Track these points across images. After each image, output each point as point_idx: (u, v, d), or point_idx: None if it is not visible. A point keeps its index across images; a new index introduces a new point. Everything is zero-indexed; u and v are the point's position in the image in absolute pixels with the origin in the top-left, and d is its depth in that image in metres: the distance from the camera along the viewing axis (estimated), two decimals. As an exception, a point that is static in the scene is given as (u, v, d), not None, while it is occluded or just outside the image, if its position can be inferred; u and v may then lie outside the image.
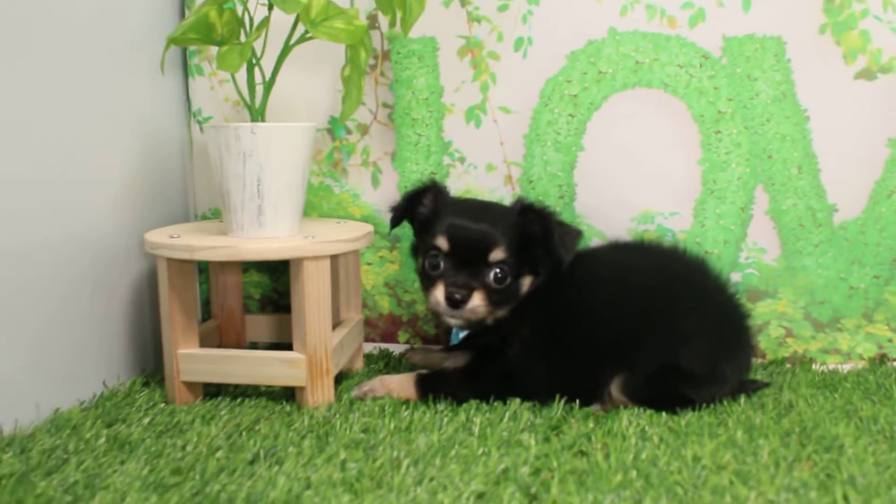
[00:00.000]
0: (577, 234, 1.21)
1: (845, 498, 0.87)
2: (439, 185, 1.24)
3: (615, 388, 1.17)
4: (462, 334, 1.23)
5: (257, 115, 1.26)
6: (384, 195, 1.45)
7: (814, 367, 1.34)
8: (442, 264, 1.16)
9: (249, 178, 1.21)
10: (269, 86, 1.26)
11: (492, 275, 1.15)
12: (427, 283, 1.18)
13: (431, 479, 0.93)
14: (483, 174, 1.41)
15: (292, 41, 1.24)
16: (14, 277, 1.09)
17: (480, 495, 0.89)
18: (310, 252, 1.19)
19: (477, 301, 1.14)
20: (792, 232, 1.34)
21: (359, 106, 1.29)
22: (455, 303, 1.13)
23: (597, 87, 1.35)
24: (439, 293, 1.14)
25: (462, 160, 1.42)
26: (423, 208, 1.23)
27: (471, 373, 1.23)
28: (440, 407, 1.19)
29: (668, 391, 1.16)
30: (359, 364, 1.42)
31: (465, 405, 1.19)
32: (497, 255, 1.15)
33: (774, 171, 1.33)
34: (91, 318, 1.26)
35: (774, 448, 1.02)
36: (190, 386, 1.25)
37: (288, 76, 1.31)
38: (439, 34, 1.39)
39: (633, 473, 0.94)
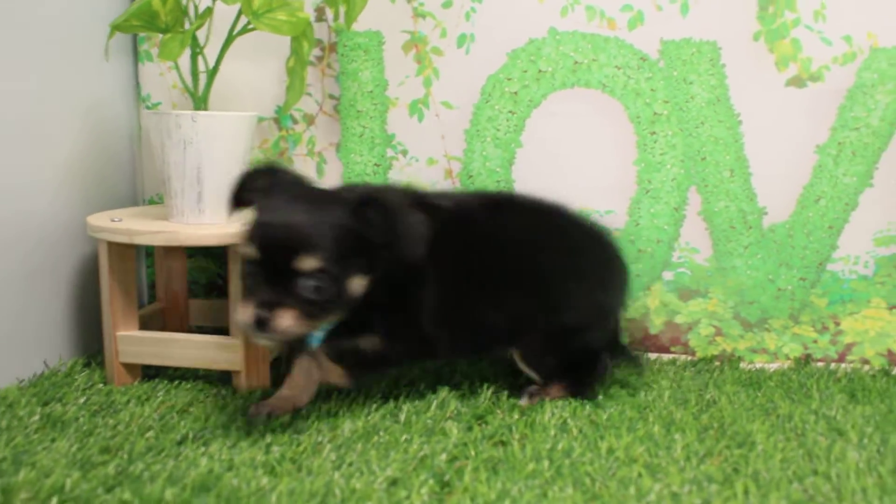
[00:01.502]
0: (423, 224, 1.03)
1: (746, 492, 0.91)
2: (276, 167, 1.06)
3: (519, 363, 1.21)
4: (318, 336, 1.08)
5: (200, 103, 1.28)
6: (329, 185, 1.46)
7: (741, 365, 1.37)
8: (252, 274, 0.99)
9: (190, 166, 1.22)
10: (211, 74, 1.28)
11: (305, 286, 0.96)
12: (242, 294, 1.04)
13: (350, 464, 0.96)
14: (424, 167, 1.43)
15: (235, 31, 1.26)
16: None
17: (394, 481, 0.92)
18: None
19: (287, 321, 0.95)
20: (723, 233, 1.37)
21: (301, 96, 1.30)
22: (260, 324, 0.95)
23: (536, 85, 1.38)
24: (243, 314, 0.96)
25: (405, 153, 1.44)
26: (256, 194, 1.04)
27: (388, 353, 1.14)
28: (370, 392, 1.21)
29: (564, 350, 1.20)
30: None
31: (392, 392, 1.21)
32: (307, 263, 0.96)
33: (707, 174, 1.36)
34: (33, 299, 1.27)
35: (689, 443, 1.05)
36: (129, 368, 1.27)
37: (234, 65, 1.33)
38: (385, 28, 1.40)
39: (546, 463, 0.97)
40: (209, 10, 1.23)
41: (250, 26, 1.23)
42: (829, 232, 1.34)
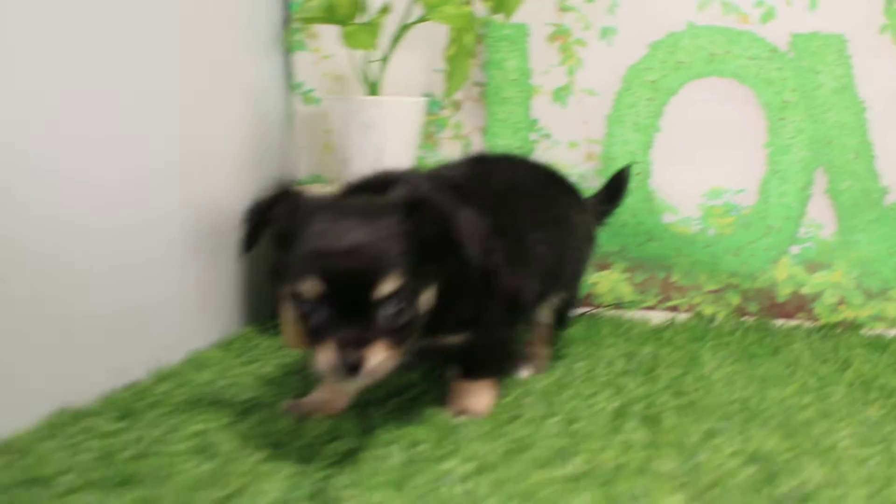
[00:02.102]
0: (478, 222, 0.93)
1: None
2: (295, 193, 0.93)
3: (546, 314, 1.25)
4: None
5: (373, 89, 1.39)
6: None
7: (862, 331, 1.49)
8: (315, 313, 0.86)
9: (371, 148, 1.34)
10: (385, 63, 1.39)
11: (388, 312, 0.85)
12: (307, 334, 0.89)
13: (554, 414, 1.07)
14: (566, 150, 1.55)
15: (409, 22, 1.37)
16: (147, 243, 1.19)
17: (610, 430, 1.02)
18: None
19: (379, 357, 0.84)
20: (847, 210, 1.49)
21: (463, 84, 1.42)
22: (352, 369, 0.83)
23: (674, 74, 1.50)
24: (326, 359, 0.84)
25: (547, 136, 1.55)
26: (278, 225, 0.92)
27: (496, 340, 1.09)
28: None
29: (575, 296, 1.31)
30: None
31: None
32: (388, 286, 0.85)
33: (833, 156, 1.48)
34: (210, 273, 1.37)
35: (843, 394, 1.17)
36: (304, 333, 1.38)
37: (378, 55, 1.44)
38: (530, 21, 1.52)
39: (735, 407, 1.09)
40: (389, 4, 1.35)
41: (424, 17, 1.34)
42: (948, 209, 1.46)
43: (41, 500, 0.78)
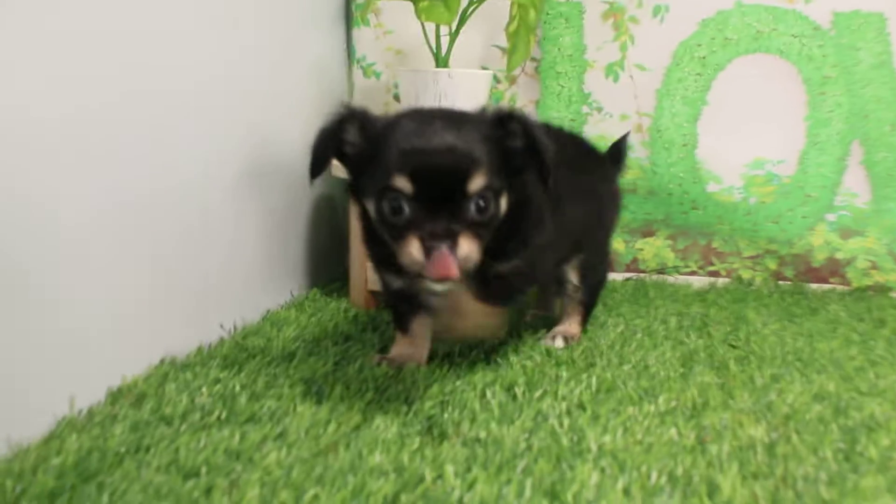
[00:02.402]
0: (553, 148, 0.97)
1: None
2: (358, 111, 0.96)
3: (572, 276, 1.27)
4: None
5: (443, 62, 1.48)
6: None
7: (892, 293, 1.60)
8: (406, 208, 0.89)
9: (443, 114, 1.42)
10: (454, 37, 1.48)
11: (473, 207, 0.90)
12: (391, 233, 0.92)
13: (633, 363, 1.17)
14: (617, 122, 1.64)
15: (477, -1, 1.45)
16: (223, 212, 1.24)
17: (682, 374, 1.12)
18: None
19: (466, 248, 0.88)
20: (881, 180, 1.59)
21: (526, 59, 1.51)
22: (437, 271, 0.86)
23: (723, 51, 1.59)
24: (414, 249, 0.87)
25: (599, 109, 1.64)
26: (350, 146, 0.97)
27: (530, 274, 1.10)
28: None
29: (601, 267, 1.34)
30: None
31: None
32: (478, 182, 0.89)
33: (870, 129, 1.58)
34: (279, 237, 1.44)
35: (884, 347, 1.27)
36: (373, 294, 1.47)
37: (444, 30, 1.51)
38: (586, 0, 1.60)
39: (790, 357, 1.19)
40: (463, -19, 1.43)
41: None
42: (976, 179, 1.57)
43: (175, 436, 0.85)
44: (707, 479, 0.79)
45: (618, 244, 1.68)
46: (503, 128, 0.95)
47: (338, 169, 1.44)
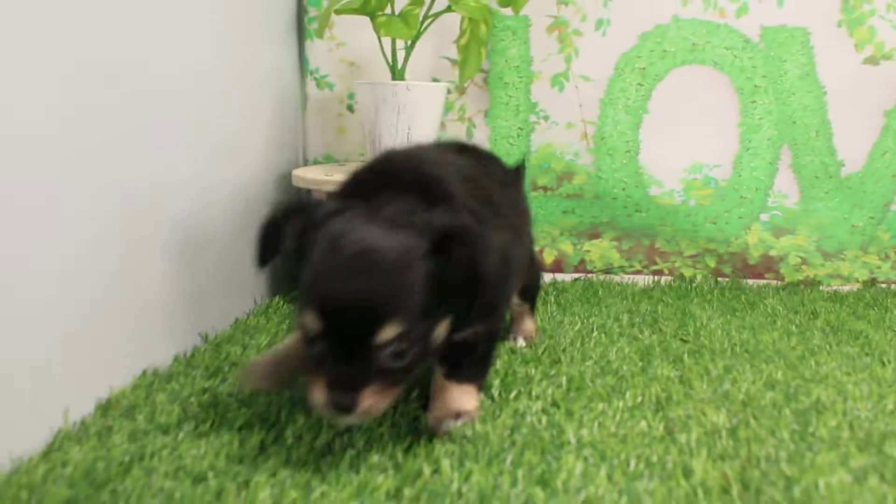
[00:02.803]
0: (503, 251, 0.86)
1: (882, 362, 1.23)
2: (307, 205, 0.87)
3: (519, 298, 1.28)
4: None
5: (399, 75, 1.52)
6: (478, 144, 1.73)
7: (821, 288, 1.71)
8: (316, 346, 0.80)
9: (401, 127, 1.47)
10: (409, 50, 1.53)
11: (388, 355, 0.79)
12: (309, 363, 0.83)
13: (601, 355, 1.24)
14: (563, 131, 1.71)
15: (431, 12, 1.50)
16: (196, 215, 1.25)
17: (642, 369, 1.19)
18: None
19: (371, 401, 0.80)
20: (809, 182, 1.71)
21: (477, 71, 1.56)
22: (340, 409, 0.79)
23: (661, 62, 1.68)
24: (318, 392, 0.80)
25: (546, 118, 1.71)
26: (290, 242, 0.87)
27: (495, 333, 1.02)
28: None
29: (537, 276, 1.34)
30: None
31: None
32: (388, 333, 0.78)
33: (797, 134, 1.69)
34: (241, 252, 1.41)
35: (820, 337, 1.37)
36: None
37: (399, 43, 1.56)
38: (532, 13, 1.67)
39: (738, 348, 1.28)
40: (421, -3, 1.48)
41: (449, 8, 1.48)
42: (893, 179, 1.69)
43: (175, 444, 0.88)
44: (681, 464, 0.86)
45: (566, 247, 1.76)
46: (444, 253, 0.81)
47: (298, 179, 1.48)
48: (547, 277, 1.76)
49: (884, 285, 1.73)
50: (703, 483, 0.82)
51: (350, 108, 1.74)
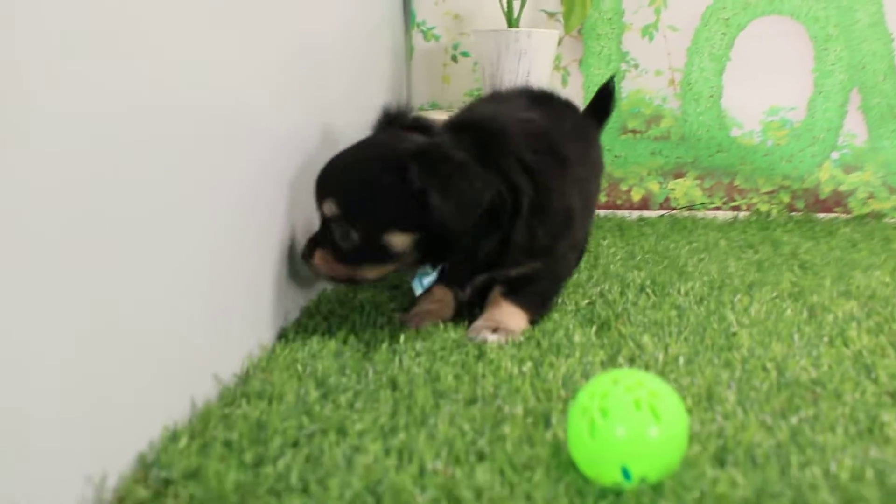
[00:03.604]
0: (482, 188, 0.94)
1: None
2: (392, 110, 1.12)
3: None
4: (426, 280, 1.06)
5: (514, 23, 1.67)
6: (572, 93, 1.88)
7: (885, 220, 1.89)
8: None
9: (522, 72, 1.62)
10: (524, 2, 1.67)
11: (333, 232, 1.00)
12: None
13: (709, 272, 1.40)
14: (652, 77, 1.87)
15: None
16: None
17: (758, 270, 1.36)
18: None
19: (318, 260, 1.01)
20: (876, 122, 1.87)
21: (583, 20, 1.71)
22: (303, 255, 1.03)
23: (743, 13, 1.83)
24: (304, 245, 1.05)
25: (636, 66, 1.87)
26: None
27: (560, 271, 1.15)
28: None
29: None
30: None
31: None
32: (327, 208, 1.00)
33: (866, 78, 1.85)
34: None
35: (881, 254, 1.54)
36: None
37: None
38: (624, -32, 1.82)
39: (838, 262, 1.45)
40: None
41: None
42: (953, 119, 1.86)
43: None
44: (840, 333, 1.03)
45: (653, 185, 1.92)
46: (402, 169, 0.94)
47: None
48: (634, 214, 1.92)
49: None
50: (864, 347, 0.99)
51: (454, 59, 1.89)
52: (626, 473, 0.63)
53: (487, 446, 0.70)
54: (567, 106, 1.28)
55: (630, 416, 0.64)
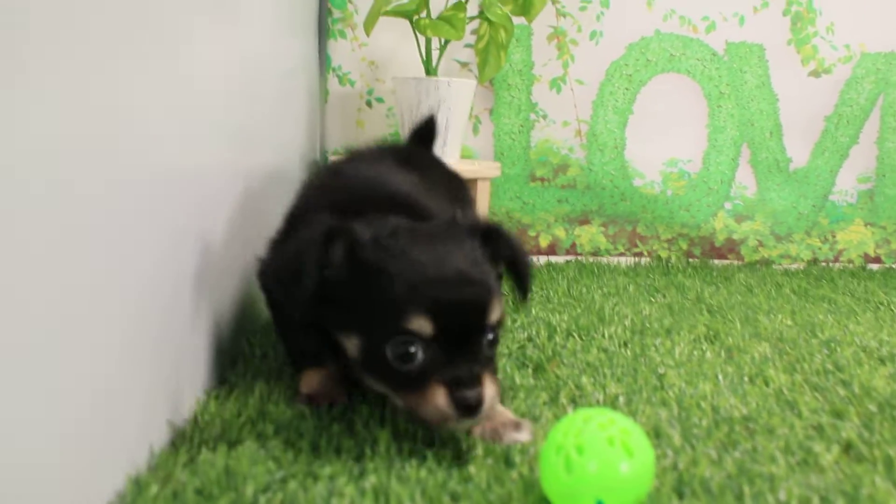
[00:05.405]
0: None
1: (854, 315, 1.51)
2: (352, 230, 0.81)
3: None
4: None
5: (433, 72, 1.71)
6: (482, 141, 1.94)
7: (773, 266, 2.01)
8: (421, 354, 0.76)
9: (441, 119, 1.65)
10: (443, 49, 1.71)
11: (487, 342, 0.80)
12: (395, 379, 0.79)
13: (626, 314, 1.46)
14: (560, 128, 1.94)
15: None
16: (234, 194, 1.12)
17: (671, 314, 1.43)
18: (481, 174, 1.66)
19: (491, 391, 0.78)
20: (764, 175, 2.00)
21: (496, 72, 1.76)
22: (471, 409, 0.75)
23: (645, 69, 1.93)
24: (440, 400, 0.75)
25: (545, 117, 1.94)
26: (331, 269, 0.81)
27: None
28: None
29: None
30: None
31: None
32: (496, 313, 0.80)
33: (755, 134, 1.99)
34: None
35: (795, 300, 1.65)
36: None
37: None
38: (534, 24, 1.89)
39: (740, 307, 1.53)
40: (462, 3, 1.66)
41: (481, 15, 1.68)
42: (831, 174, 2.02)
43: None
44: (760, 373, 1.09)
45: (559, 232, 1.98)
46: (491, 244, 0.85)
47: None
48: (541, 259, 1.98)
49: (823, 264, 2.04)
50: (780, 387, 1.05)
51: (369, 104, 1.91)
52: (601, 508, 0.65)
53: (459, 486, 0.71)
54: (424, 158, 1.26)
55: (604, 452, 0.66)
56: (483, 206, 1.70)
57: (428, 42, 1.70)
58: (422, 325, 0.75)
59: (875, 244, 2.06)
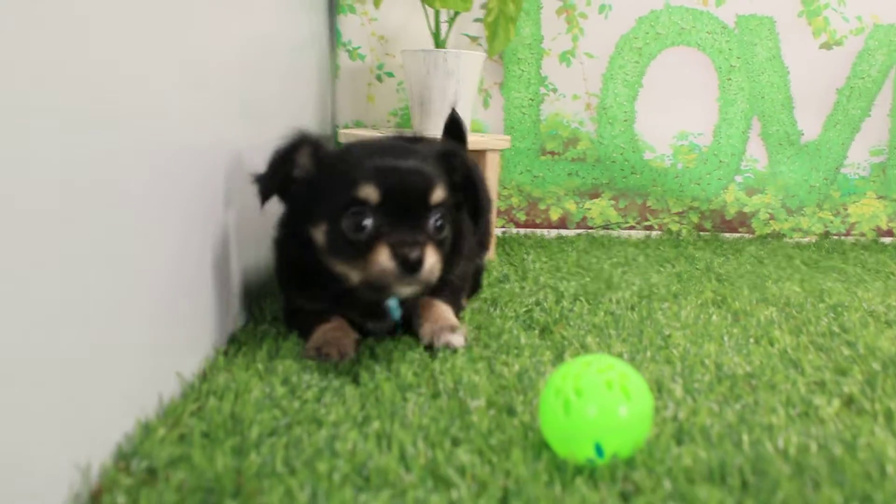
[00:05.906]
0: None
1: (864, 283, 1.52)
2: (313, 138, 0.97)
3: None
4: (396, 305, 1.03)
5: (442, 44, 1.71)
6: (493, 115, 1.94)
7: (784, 240, 2.01)
8: (370, 221, 0.90)
9: (450, 91, 1.66)
10: (451, 22, 1.71)
11: (433, 223, 0.94)
12: (350, 251, 0.91)
13: (634, 283, 1.46)
14: (570, 101, 1.94)
15: (471, -8, 1.70)
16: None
17: (679, 282, 1.43)
18: (490, 146, 1.66)
19: (432, 258, 0.90)
20: (775, 148, 2.00)
21: (506, 46, 1.77)
22: (411, 266, 0.88)
23: (655, 43, 1.93)
24: (384, 258, 0.88)
25: (554, 90, 1.94)
26: (299, 170, 0.97)
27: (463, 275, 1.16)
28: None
29: None
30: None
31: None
32: (437, 195, 0.93)
33: (765, 107, 1.98)
34: None
35: (805, 270, 1.65)
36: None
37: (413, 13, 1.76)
38: (544, -3, 1.90)
39: (750, 275, 1.54)
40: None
41: (486, -10, 1.68)
42: (842, 147, 2.01)
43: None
44: (765, 334, 1.10)
45: (570, 205, 1.99)
46: (447, 162, 0.99)
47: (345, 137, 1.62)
48: (552, 232, 1.98)
49: (835, 237, 2.04)
50: (788, 345, 1.06)
51: (379, 79, 1.92)
52: (599, 450, 0.66)
53: (461, 432, 0.72)
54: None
55: (602, 395, 0.67)
56: (493, 179, 1.70)
57: (437, 15, 1.70)
58: (368, 192, 0.90)
59: (888, 217, 2.05)
